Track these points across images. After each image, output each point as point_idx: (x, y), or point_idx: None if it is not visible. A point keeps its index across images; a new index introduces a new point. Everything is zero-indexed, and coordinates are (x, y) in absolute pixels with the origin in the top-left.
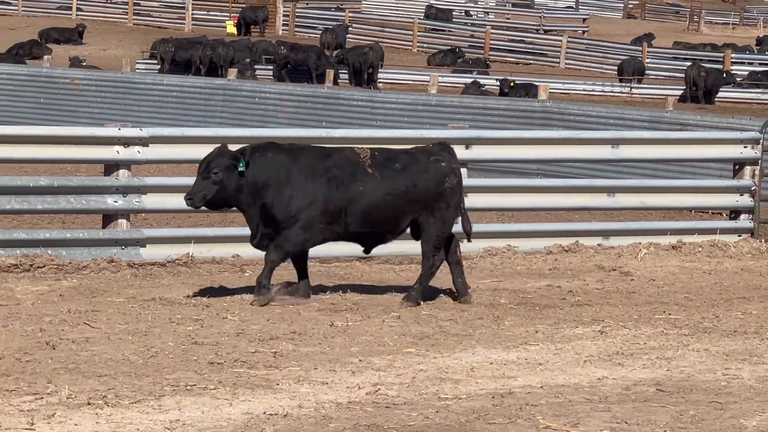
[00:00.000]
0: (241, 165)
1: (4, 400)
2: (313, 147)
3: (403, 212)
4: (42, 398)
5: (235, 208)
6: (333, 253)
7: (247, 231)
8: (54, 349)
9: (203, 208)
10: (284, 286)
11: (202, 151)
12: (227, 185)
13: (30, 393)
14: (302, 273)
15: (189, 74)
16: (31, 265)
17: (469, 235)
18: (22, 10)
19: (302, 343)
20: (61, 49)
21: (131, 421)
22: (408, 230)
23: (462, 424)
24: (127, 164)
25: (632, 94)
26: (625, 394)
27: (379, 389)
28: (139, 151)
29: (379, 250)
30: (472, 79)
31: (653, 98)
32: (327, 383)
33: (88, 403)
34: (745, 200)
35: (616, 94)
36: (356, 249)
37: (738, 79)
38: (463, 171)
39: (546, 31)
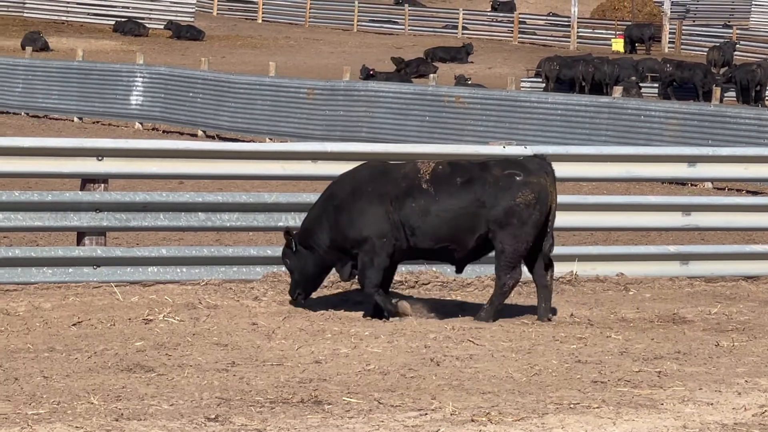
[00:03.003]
0: (293, 247)
1: (389, 415)
2: (367, 168)
3: (470, 227)
4: (426, 414)
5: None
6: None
7: (632, 250)
8: (438, 365)
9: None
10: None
11: (586, 170)
12: (304, 266)
13: (414, 409)
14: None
15: (573, 92)
16: (416, 282)
17: (546, 255)
18: (409, 30)
19: (687, 362)
20: (447, 67)
21: None
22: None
23: None
24: None
25: None
26: None
27: (765, 411)
28: None
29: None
30: None
31: None
32: (712, 404)
33: (472, 420)
34: None
35: None
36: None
37: None
38: None
39: None
